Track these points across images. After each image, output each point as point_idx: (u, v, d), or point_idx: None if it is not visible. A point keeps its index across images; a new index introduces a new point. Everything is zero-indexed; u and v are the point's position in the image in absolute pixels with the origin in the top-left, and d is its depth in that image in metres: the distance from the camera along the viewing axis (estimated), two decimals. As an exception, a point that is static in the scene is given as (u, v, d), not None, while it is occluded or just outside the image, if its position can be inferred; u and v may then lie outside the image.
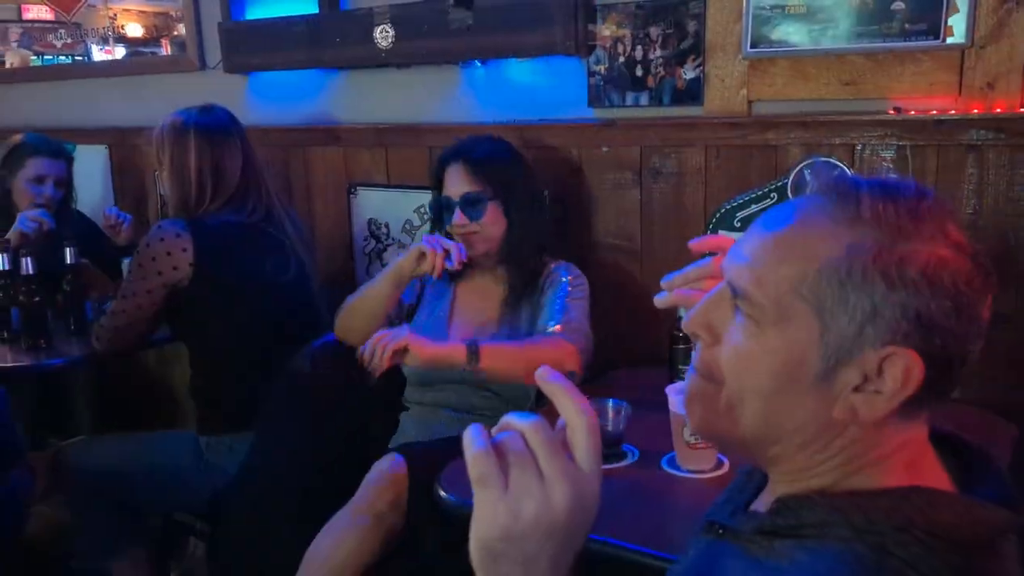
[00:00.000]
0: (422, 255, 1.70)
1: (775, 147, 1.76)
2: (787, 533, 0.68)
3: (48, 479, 2.35)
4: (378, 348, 1.51)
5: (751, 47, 1.73)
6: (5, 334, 2.14)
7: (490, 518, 0.63)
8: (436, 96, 2.20)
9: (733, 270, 0.71)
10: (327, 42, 2.23)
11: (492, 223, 1.74)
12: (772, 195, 1.74)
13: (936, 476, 0.69)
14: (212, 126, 2.00)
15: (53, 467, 2.07)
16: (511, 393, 1.71)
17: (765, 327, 0.68)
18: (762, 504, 0.75)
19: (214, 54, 2.54)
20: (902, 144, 1.64)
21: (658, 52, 1.85)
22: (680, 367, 1.63)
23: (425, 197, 2.22)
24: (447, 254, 1.69)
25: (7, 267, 2.12)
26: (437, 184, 1.80)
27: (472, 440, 0.64)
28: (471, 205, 1.73)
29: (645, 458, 1.41)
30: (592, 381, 1.73)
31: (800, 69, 1.72)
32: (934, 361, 0.64)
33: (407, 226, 2.28)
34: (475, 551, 0.65)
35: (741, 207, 1.79)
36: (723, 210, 1.81)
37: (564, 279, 1.74)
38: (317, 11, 2.30)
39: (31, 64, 3.45)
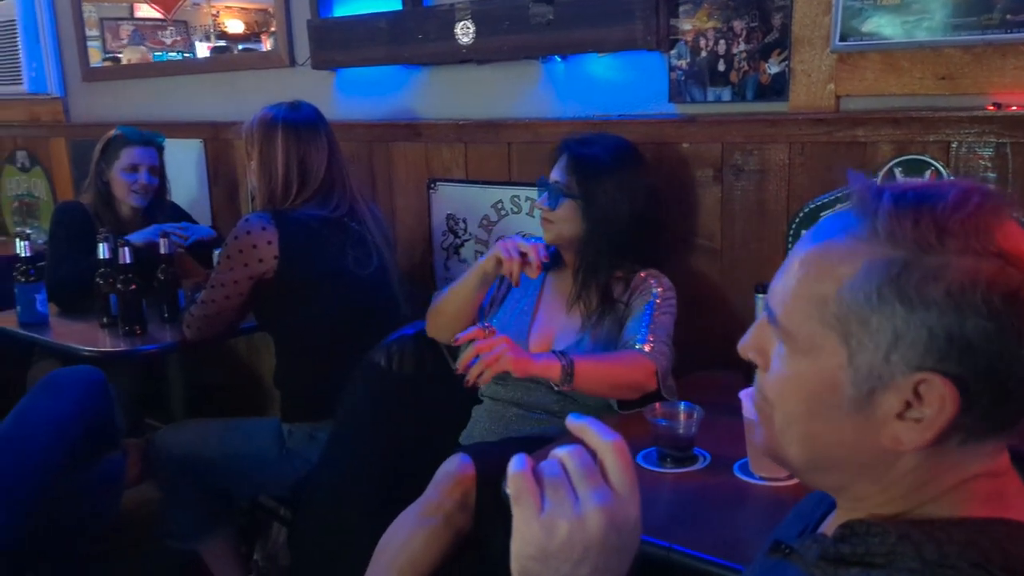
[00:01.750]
0: (499, 261, 1.71)
1: (864, 144, 1.69)
2: (853, 561, 0.64)
3: (142, 463, 2.48)
4: (480, 365, 1.51)
5: (840, 40, 1.66)
6: (105, 319, 2.26)
7: (526, 536, 0.66)
8: (516, 92, 2.20)
9: (770, 294, 0.69)
10: (409, 38, 2.26)
11: (565, 219, 1.73)
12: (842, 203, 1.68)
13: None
14: (300, 122, 2.06)
15: (146, 452, 2.18)
16: (584, 399, 1.69)
17: (796, 353, 0.66)
18: (831, 527, 0.72)
19: (303, 51, 2.60)
20: (1002, 142, 1.55)
21: (742, 46, 1.80)
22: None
23: (503, 193, 2.24)
24: (524, 258, 1.68)
25: (107, 256, 2.23)
26: (552, 165, 1.80)
27: (513, 464, 0.67)
28: (552, 194, 1.73)
29: (717, 463, 1.39)
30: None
31: (892, 63, 1.65)
32: (982, 386, 0.59)
33: (484, 221, 2.29)
34: (514, 570, 0.67)
35: (826, 206, 1.73)
36: (807, 209, 1.75)
37: (655, 291, 1.71)
38: (400, 8, 2.33)
39: (150, 61, 3.62)
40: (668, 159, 1.95)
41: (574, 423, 0.70)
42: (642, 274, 1.75)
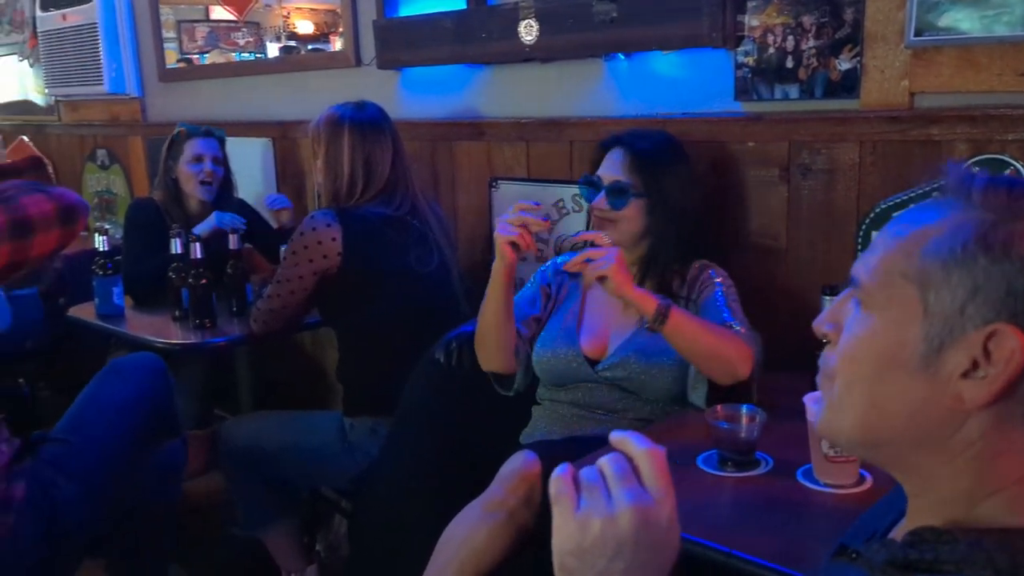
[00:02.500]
0: (508, 244, 1.57)
1: (939, 143, 1.63)
2: (922, 568, 0.64)
3: (207, 454, 2.55)
4: (588, 267, 1.49)
5: (915, 35, 1.61)
6: (177, 313, 2.33)
7: (563, 533, 0.71)
8: (579, 90, 2.19)
9: (855, 264, 0.71)
10: (473, 37, 2.27)
11: (631, 218, 1.71)
12: (934, 194, 1.62)
13: None
14: (365, 122, 2.09)
15: (212, 443, 2.25)
16: (651, 391, 1.68)
17: (872, 311, 0.68)
18: (900, 533, 0.71)
19: (369, 51, 2.64)
20: (1087, 140, 1.48)
21: (811, 42, 1.76)
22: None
23: (564, 191, 2.23)
24: (526, 229, 1.55)
25: (180, 251, 2.30)
26: (594, 164, 1.78)
27: (556, 469, 0.73)
28: (616, 194, 1.69)
29: (780, 468, 1.36)
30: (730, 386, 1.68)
31: (970, 59, 1.59)
32: None
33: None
34: (556, 567, 0.72)
35: (898, 206, 1.68)
36: (878, 209, 1.70)
37: (717, 280, 1.70)
38: (465, 7, 2.34)
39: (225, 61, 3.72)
40: (733, 158, 1.92)
41: (616, 437, 0.75)
42: (695, 265, 1.73)
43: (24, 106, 4.49)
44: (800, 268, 1.85)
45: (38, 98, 4.38)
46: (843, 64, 1.73)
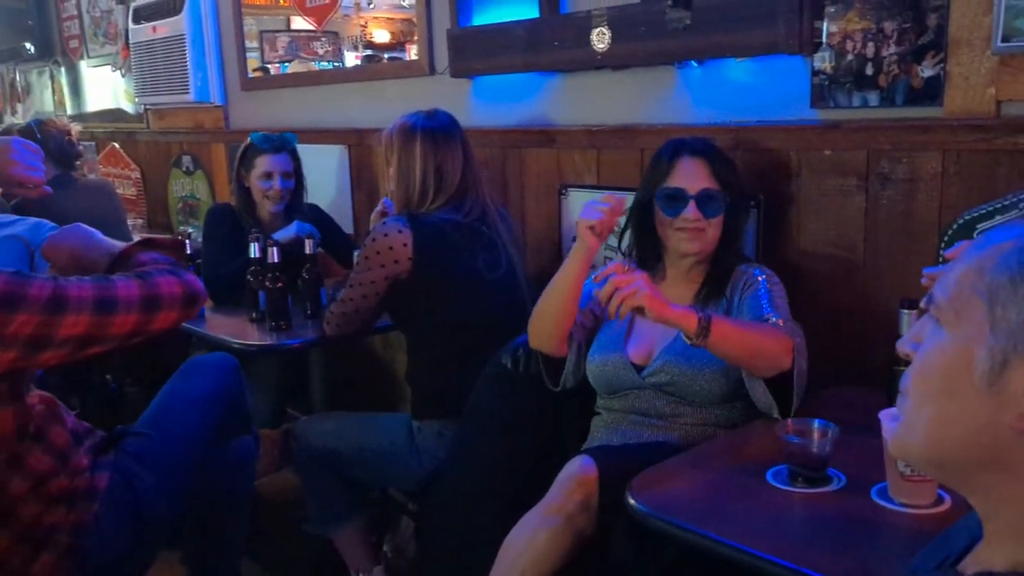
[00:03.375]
0: (588, 228, 1.61)
1: (1027, 152, 1.57)
2: None
3: (279, 452, 2.62)
4: (616, 297, 1.49)
5: (1002, 41, 1.55)
6: (254, 315, 2.41)
7: None
8: (650, 97, 2.18)
9: (936, 281, 0.71)
10: (546, 45, 2.28)
11: (718, 224, 1.73)
12: (1022, 206, 1.56)
13: None
14: (437, 130, 2.12)
15: (283, 442, 2.31)
16: (696, 395, 1.68)
17: (945, 327, 0.67)
18: (970, 565, 0.69)
19: (443, 59, 2.68)
20: None
21: (892, 48, 1.72)
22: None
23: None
24: (606, 215, 1.60)
25: (257, 255, 2.37)
26: (658, 174, 1.74)
27: None
28: (708, 202, 1.70)
29: (853, 486, 1.32)
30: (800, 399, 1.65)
31: (1062, 64, 1.52)
32: None
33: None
34: None
35: (983, 218, 1.62)
36: (962, 220, 1.64)
37: (760, 277, 1.70)
38: (538, 16, 2.36)
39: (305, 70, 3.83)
40: (807, 166, 1.88)
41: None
42: (740, 266, 1.74)
43: (116, 114, 4.71)
44: (877, 281, 1.80)
45: (128, 106, 4.58)
46: (926, 71, 1.68)
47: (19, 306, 1.29)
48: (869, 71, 1.76)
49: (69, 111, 5.14)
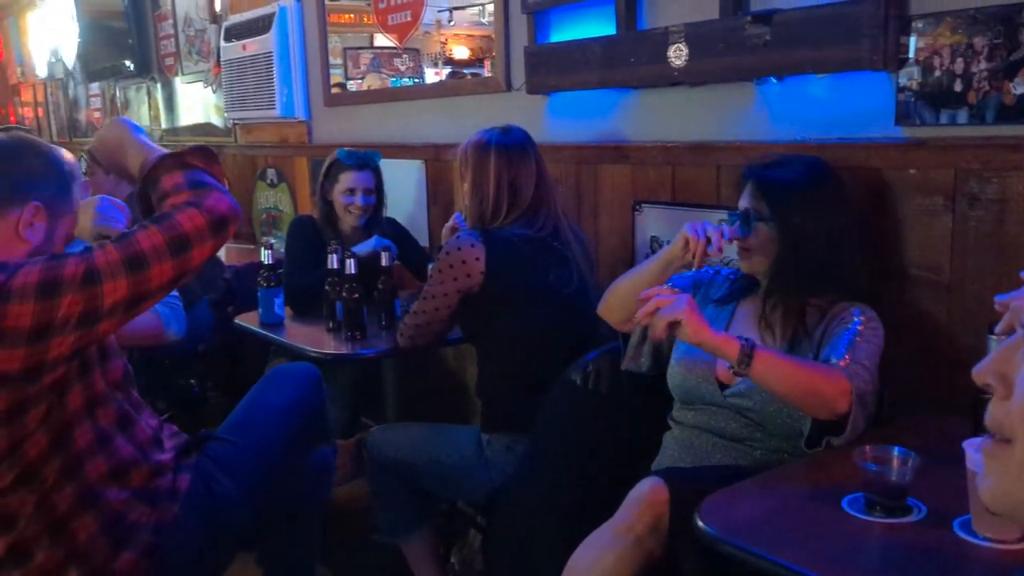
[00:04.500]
0: (686, 242, 1.70)
1: None
2: None
3: (352, 462, 2.66)
4: (652, 304, 1.50)
5: (1103, 56, 1.48)
6: (331, 324, 2.47)
7: None
8: (727, 114, 2.15)
9: None
10: (622, 62, 2.28)
11: (760, 244, 1.69)
12: (1123, 228, 1.48)
13: None
14: (511, 146, 2.15)
15: (357, 451, 2.35)
16: (775, 425, 1.63)
17: None
18: None
19: (519, 76, 2.70)
20: None
21: (982, 64, 1.65)
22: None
23: (709, 215, 2.18)
24: (708, 242, 1.66)
25: (336, 267, 2.43)
26: (737, 197, 1.78)
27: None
28: (743, 221, 1.70)
29: (934, 517, 1.27)
30: (880, 425, 1.60)
31: None
32: None
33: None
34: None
35: (1080, 241, 1.54)
36: (1056, 243, 1.57)
37: (856, 318, 1.61)
38: (615, 32, 2.36)
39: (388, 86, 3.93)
40: (891, 185, 1.82)
41: None
42: (845, 304, 1.65)
43: (206, 128, 4.91)
44: (964, 305, 1.73)
45: (218, 121, 4.77)
46: (1018, 88, 1.61)
47: (61, 289, 1.35)
48: (958, 87, 1.70)
49: (163, 125, 5.38)
